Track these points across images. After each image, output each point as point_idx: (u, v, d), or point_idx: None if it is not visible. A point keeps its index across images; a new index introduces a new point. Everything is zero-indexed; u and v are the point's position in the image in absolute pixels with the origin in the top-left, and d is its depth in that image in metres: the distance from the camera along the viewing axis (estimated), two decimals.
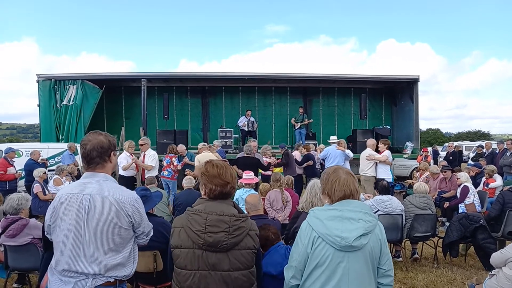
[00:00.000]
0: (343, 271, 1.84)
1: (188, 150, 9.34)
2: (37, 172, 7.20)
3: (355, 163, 8.90)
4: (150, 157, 7.33)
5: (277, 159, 8.70)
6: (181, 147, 8.79)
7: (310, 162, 8.66)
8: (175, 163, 7.99)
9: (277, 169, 8.46)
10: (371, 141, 8.08)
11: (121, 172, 7.22)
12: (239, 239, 1.95)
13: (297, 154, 8.97)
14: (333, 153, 8.50)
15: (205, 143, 8.96)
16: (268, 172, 7.83)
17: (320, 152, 9.26)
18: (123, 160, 7.17)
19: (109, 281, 1.94)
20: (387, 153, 7.75)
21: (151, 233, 2.21)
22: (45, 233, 2.10)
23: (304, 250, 1.90)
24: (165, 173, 7.99)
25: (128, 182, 7.04)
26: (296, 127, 12.76)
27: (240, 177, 5.96)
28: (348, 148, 12.97)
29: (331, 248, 1.85)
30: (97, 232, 1.92)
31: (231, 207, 2.03)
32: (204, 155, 7.67)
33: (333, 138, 9.06)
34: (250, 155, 7.78)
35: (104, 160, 2.03)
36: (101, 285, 1.93)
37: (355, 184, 2.00)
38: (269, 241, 2.87)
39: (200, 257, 1.94)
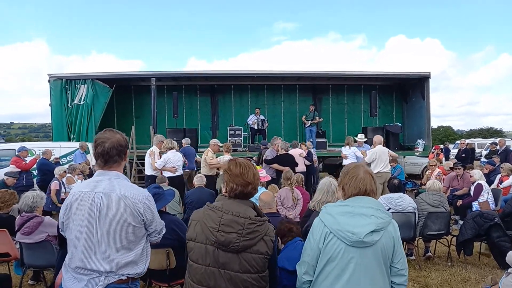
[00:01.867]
0: (354, 267, 1.83)
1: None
2: (58, 170, 7.32)
3: None
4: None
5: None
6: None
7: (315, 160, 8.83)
8: None
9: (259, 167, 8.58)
10: (380, 138, 8.16)
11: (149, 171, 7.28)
12: (252, 242, 1.92)
13: (300, 151, 8.86)
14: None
15: (217, 141, 8.61)
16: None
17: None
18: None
19: (122, 278, 1.95)
20: None
21: (164, 231, 2.21)
22: (60, 230, 2.12)
23: (316, 246, 1.90)
24: None
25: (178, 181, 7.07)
26: (307, 125, 12.69)
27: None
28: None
29: (343, 244, 1.84)
30: (109, 230, 1.92)
31: (249, 208, 2.00)
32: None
33: (360, 137, 9.57)
34: (288, 152, 7.82)
35: (121, 158, 2.04)
36: (114, 282, 1.93)
37: (371, 184, 1.98)
38: (293, 233, 2.89)
39: (212, 253, 1.94)
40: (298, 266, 2.01)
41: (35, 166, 8.46)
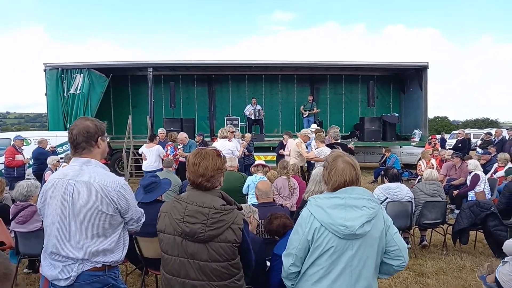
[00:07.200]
0: (347, 259, 1.82)
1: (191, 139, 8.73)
2: (51, 160, 7.27)
3: (361, 151, 9.03)
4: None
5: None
6: (181, 135, 8.39)
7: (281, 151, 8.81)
8: (168, 152, 7.90)
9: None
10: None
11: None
12: (218, 232, 1.90)
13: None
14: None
15: (307, 131, 8.55)
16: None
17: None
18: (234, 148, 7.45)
19: (96, 266, 1.94)
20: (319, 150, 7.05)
21: (142, 220, 2.18)
22: (40, 216, 2.13)
23: (305, 238, 1.86)
24: None
25: None
26: (305, 115, 12.66)
27: None
28: (355, 136, 12.92)
29: (334, 237, 1.81)
30: (82, 218, 1.91)
31: (216, 198, 1.97)
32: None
33: (313, 126, 9.72)
34: (338, 141, 7.82)
35: (90, 145, 2.01)
36: (88, 270, 1.92)
37: (352, 173, 1.91)
38: (288, 227, 2.86)
39: (180, 244, 1.94)
40: (284, 257, 1.98)
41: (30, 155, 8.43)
